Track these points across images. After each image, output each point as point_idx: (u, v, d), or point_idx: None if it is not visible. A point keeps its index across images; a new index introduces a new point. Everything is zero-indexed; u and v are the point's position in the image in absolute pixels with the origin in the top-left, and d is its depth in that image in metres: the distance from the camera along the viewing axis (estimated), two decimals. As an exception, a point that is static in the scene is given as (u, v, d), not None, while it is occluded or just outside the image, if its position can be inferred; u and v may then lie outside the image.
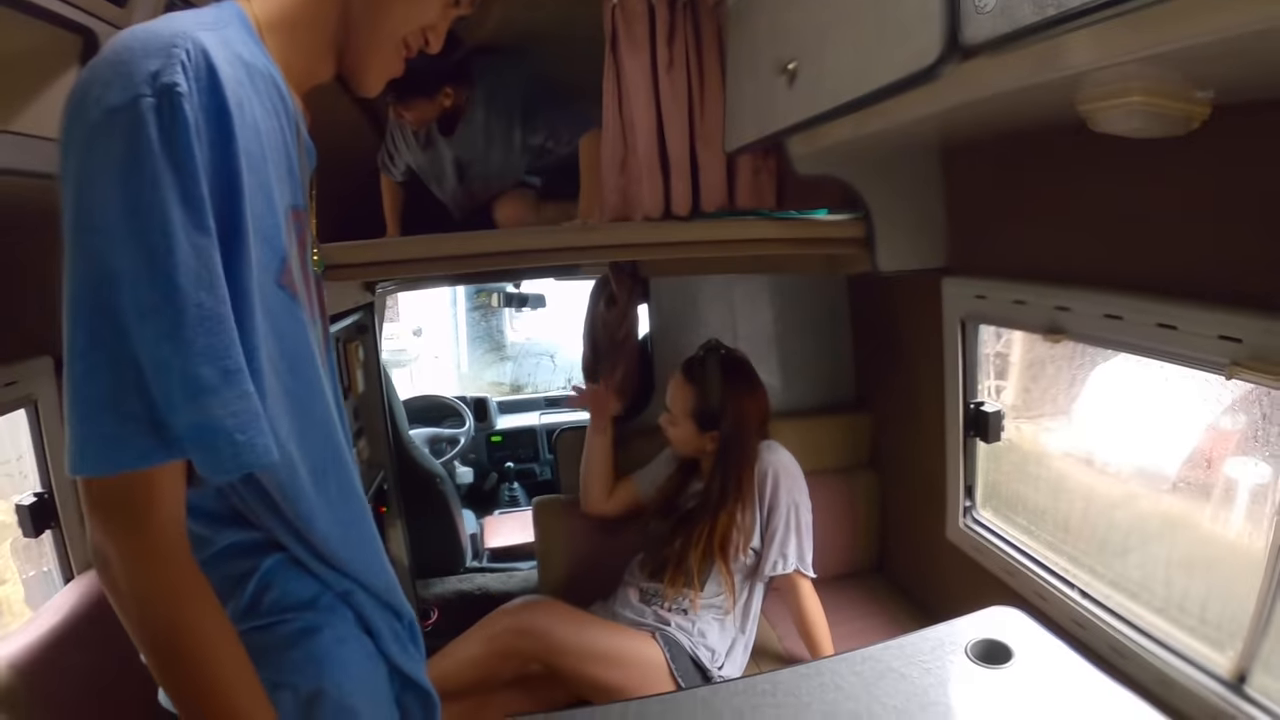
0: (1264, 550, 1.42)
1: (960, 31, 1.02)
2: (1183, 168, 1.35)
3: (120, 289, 0.74)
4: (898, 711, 1.41)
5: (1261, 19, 0.75)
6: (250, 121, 0.83)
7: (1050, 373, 2.10)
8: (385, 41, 1.00)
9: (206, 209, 0.76)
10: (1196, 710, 1.48)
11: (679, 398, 2.26)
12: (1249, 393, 1.49)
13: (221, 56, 0.80)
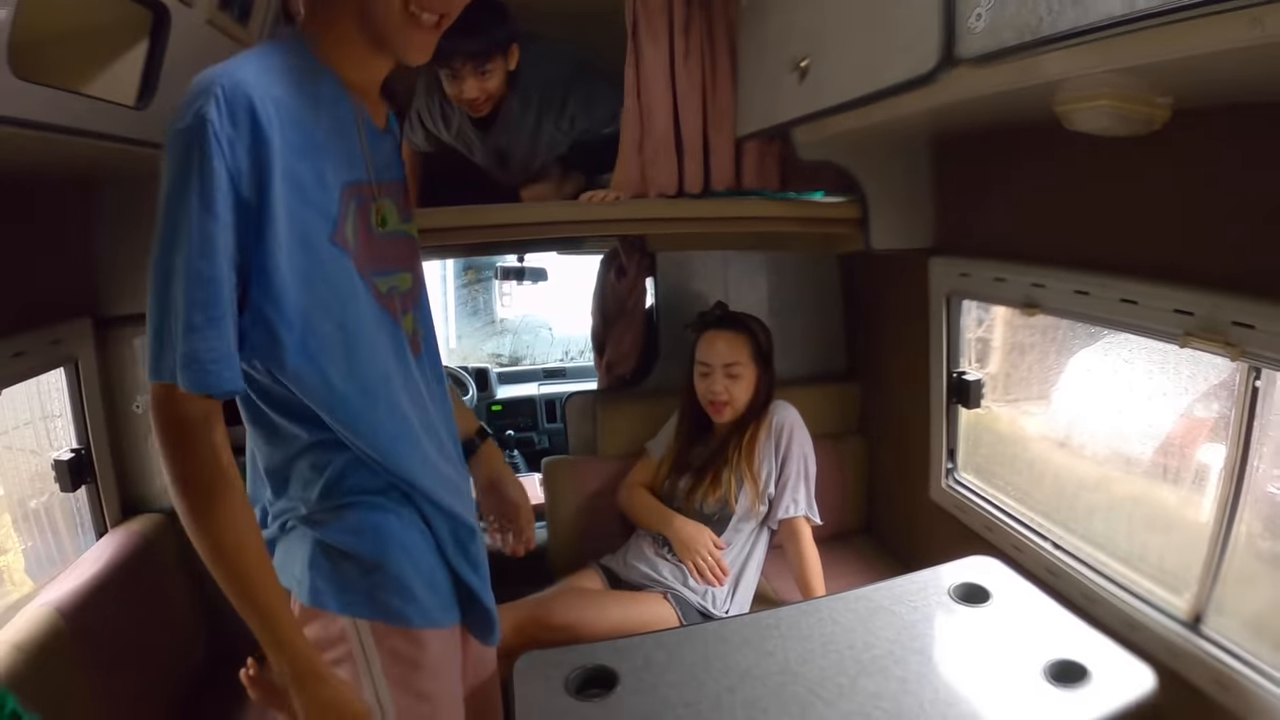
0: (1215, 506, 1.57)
1: (954, 46, 1.19)
2: (1145, 163, 1.49)
3: (161, 253, 1.02)
4: (889, 642, 1.57)
5: (1208, 44, 0.90)
6: (297, 123, 1.07)
7: (1031, 358, 2.24)
8: (393, 15, 1.12)
9: (216, 199, 0.99)
10: (1158, 648, 1.61)
11: (738, 348, 2.32)
12: (1220, 385, 1.61)
13: (264, 82, 1.04)
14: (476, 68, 2.20)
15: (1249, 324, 1.37)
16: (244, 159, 1.01)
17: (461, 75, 2.21)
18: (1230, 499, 1.53)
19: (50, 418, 2.11)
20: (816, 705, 1.40)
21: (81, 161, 1.83)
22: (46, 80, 1.29)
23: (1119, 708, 1.39)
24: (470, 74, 2.21)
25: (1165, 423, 1.78)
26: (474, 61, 2.18)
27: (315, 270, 1.10)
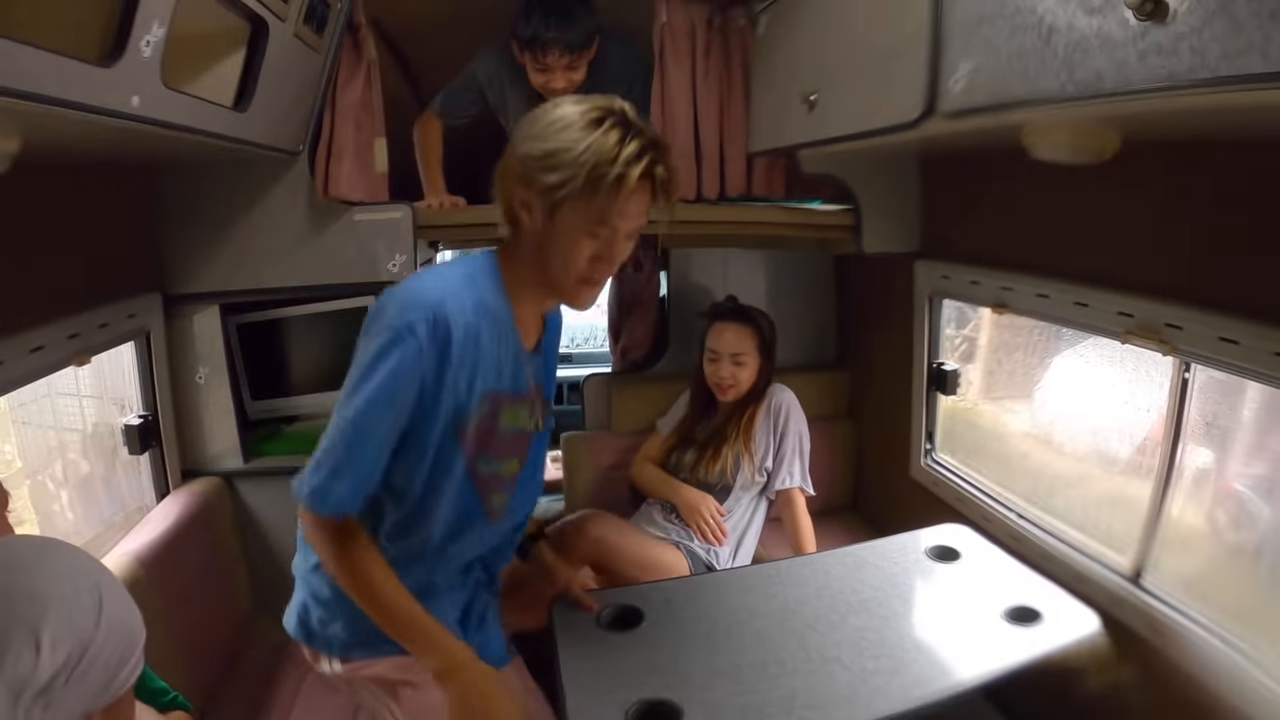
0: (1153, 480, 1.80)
1: (936, 101, 1.46)
2: (1097, 186, 1.72)
3: (344, 404, 1.31)
4: (873, 589, 1.84)
5: (1144, 109, 1.14)
6: (475, 344, 1.36)
7: (1016, 358, 2.41)
8: (564, 278, 1.41)
9: (395, 396, 1.30)
10: (1104, 598, 1.82)
11: (745, 339, 2.51)
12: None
13: (465, 313, 1.34)
14: (570, 62, 2.34)
15: (1178, 325, 1.60)
16: (430, 369, 1.32)
17: (553, 68, 2.35)
18: (1165, 472, 1.76)
19: (57, 395, 2.12)
20: (812, 636, 1.65)
21: (168, 154, 2.02)
22: (178, 86, 1.48)
23: (1067, 643, 1.63)
24: (561, 66, 2.34)
25: (1134, 421, 1.95)
26: (570, 54, 2.32)
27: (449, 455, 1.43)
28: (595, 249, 1.37)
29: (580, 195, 1.30)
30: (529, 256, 1.41)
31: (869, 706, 1.45)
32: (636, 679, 1.52)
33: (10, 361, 1.58)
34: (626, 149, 1.30)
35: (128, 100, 1.30)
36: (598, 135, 1.30)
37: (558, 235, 1.35)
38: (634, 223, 1.39)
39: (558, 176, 1.30)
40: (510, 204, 1.39)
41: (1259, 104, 0.95)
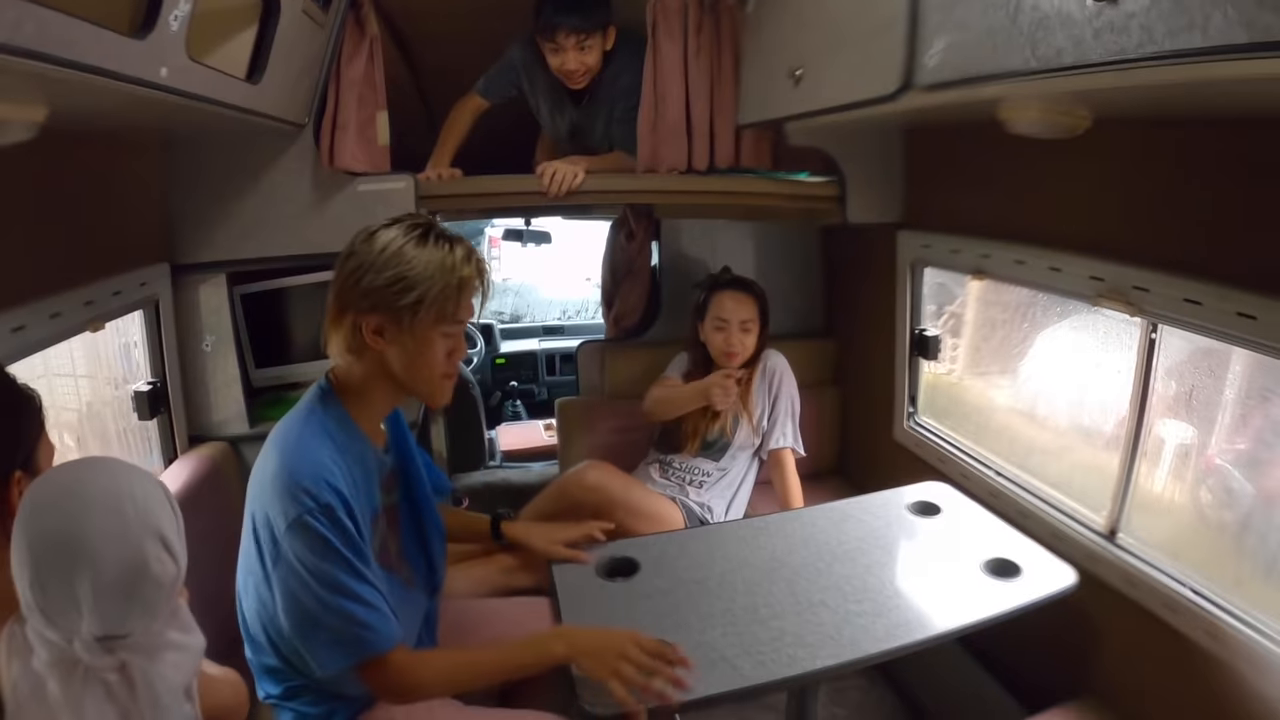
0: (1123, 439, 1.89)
1: (913, 75, 1.55)
2: (1070, 159, 1.80)
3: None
4: (857, 540, 1.95)
5: (1098, 84, 1.22)
6: (353, 487, 1.48)
7: (1000, 334, 2.46)
8: (430, 380, 1.56)
9: (354, 556, 1.45)
10: (1079, 554, 1.92)
11: (746, 308, 2.62)
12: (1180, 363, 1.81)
13: (336, 465, 1.46)
14: (578, 43, 2.47)
15: (1144, 288, 1.70)
16: (348, 523, 1.44)
17: (564, 48, 2.48)
18: (1134, 430, 1.85)
19: (53, 375, 2.12)
20: (800, 582, 1.76)
21: (182, 124, 2.06)
22: (200, 59, 1.54)
23: (1045, 596, 1.73)
24: (572, 47, 2.48)
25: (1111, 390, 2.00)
26: (576, 36, 2.46)
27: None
28: (448, 346, 1.55)
29: (433, 305, 1.47)
30: (375, 373, 1.55)
31: (853, 645, 1.56)
32: (634, 623, 1.61)
33: (31, 326, 1.64)
34: (457, 255, 1.50)
35: (157, 71, 1.37)
36: (430, 250, 1.48)
37: (417, 345, 1.51)
38: (470, 314, 1.57)
39: (414, 295, 1.46)
40: (356, 334, 1.50)
41: (1202, 78, 1.03)
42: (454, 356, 1.58)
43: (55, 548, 0.95)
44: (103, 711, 0.95)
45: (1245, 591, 1.61)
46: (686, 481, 2.65)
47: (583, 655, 1.50)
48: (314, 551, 1.40)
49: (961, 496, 2.19)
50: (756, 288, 2.70)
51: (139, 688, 0.98)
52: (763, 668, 1.49)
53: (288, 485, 1.42)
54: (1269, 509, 1.63)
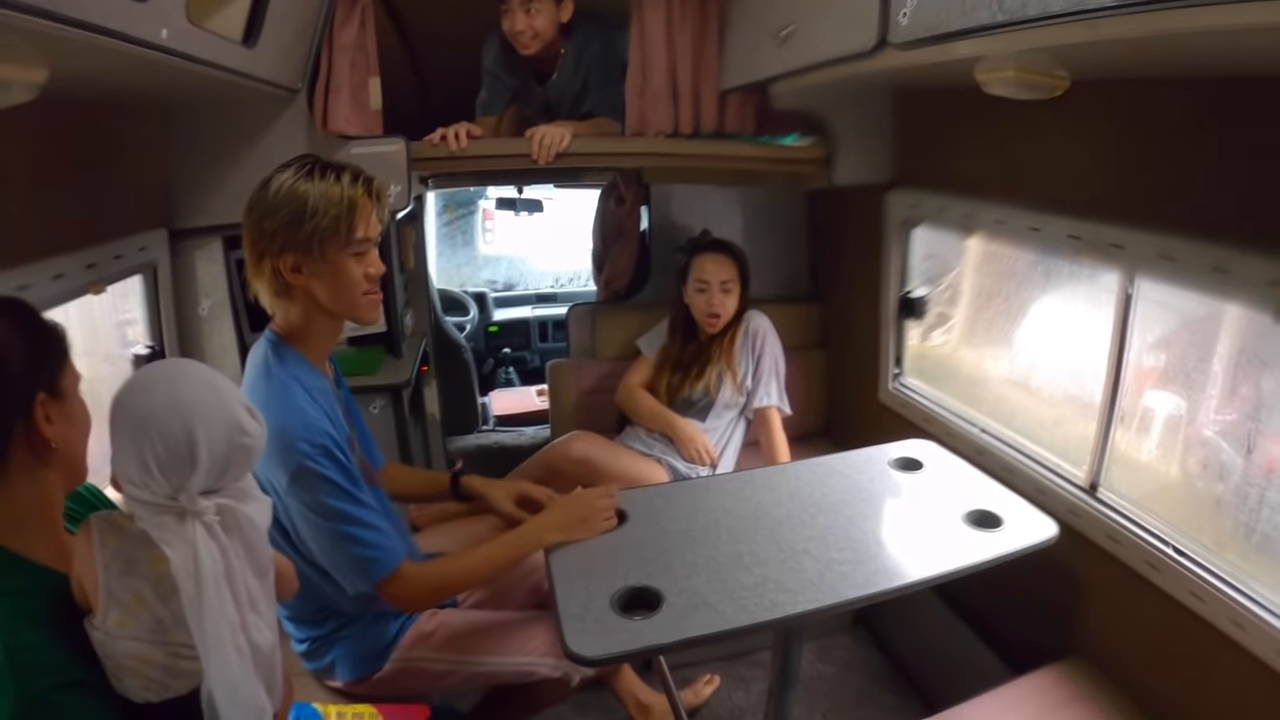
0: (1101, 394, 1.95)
1: (888, 32, 1.59)
2: (1050, 121, 1.84)
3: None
4: (841, 493, 1.99)
5: (1059, 39, 1.26)
6: (329, 418, 1.63)
7: (996, 304, 2.46)
8: (354, 301, 1.66)
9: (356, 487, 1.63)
10: (1061, 508, 1.99)
11: (727, 270, 2.67)
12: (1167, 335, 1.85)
13: (314, 410, 1.59)
14: (523, 3, 2.53)
15: (1120, 245, 1.75)
16: (340, 456, 1.59)
17: (512, 8, 2.54)
18: (1112, 385, 1.91)
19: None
20: (783, 532, 1.80)
21: (179, 88, 2.08)
22: (199, 22, 1.58)
23: (1027, 546, 1.76)
24: (518, 7, 2.53)
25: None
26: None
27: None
28: (363, 266, 1.65)
29: (331, 229, 1.57)
30: (309, 307, 1.65)
31: (834, 591, 1.60)
32: (621, 570, 1.66)
33: (36, 286, 1.67)
34: (344, 180, 1.60)
35: (158, 32, 1.40)
36: (318, 182, 1.58)
37: (333, 271, 1.61)
38: (375, 231, 1.66)
39: (311, 224, 1.55)
40: (277, 277, 1.60)
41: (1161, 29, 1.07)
42: (373, 276, 1.67)
43: (169, 414, 1.10)
44: (208, 546, 1.08)
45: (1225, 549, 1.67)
46: (672, 444, 2.71)
47: (571, 530, 1.77)
48: (317, 493, 1.54)
49: (945, 452, 2.22)
50: (736, 249, 2.75)
51: (237, 528, 1.14)
52: (745, 612, 1.53)
53: (280, 443, 1.51)
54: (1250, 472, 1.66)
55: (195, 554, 1.07)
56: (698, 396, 2.71)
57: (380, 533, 1.63)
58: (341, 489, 1.58)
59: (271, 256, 1.58)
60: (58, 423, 1.11)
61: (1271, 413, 1.59)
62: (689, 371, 2.72)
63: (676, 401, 2.73)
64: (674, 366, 2.77)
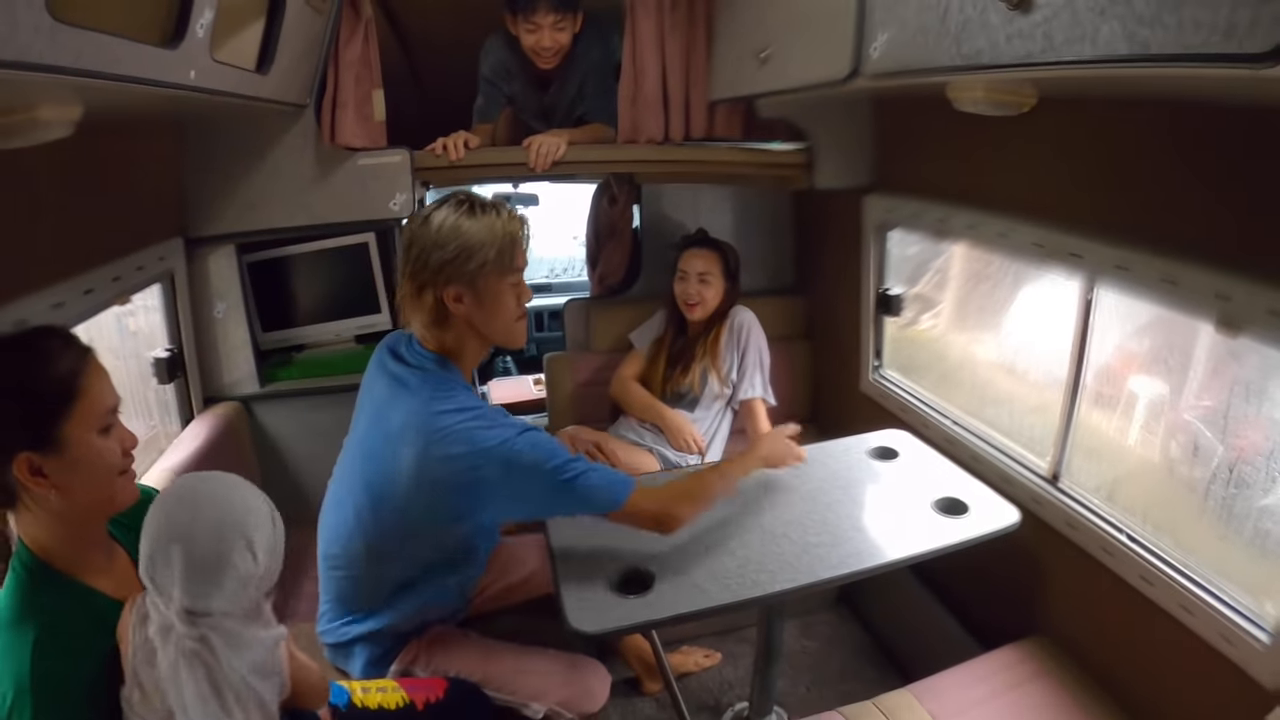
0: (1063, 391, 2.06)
1: (860, 65, 1.73)
2: (1018, 134, 1.92)
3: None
4: (820, 480, 2.14)
5: (1020, 75, 1.41)
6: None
7: (983, 290, 2.52)
8: (509, 327, 1.81)
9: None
10: (1025, 496, 2.11)
11: (712, 263, 2.82)
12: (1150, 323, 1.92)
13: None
14: (555, 22, 2.65)
15: (1080, 254, 1.87)
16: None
17: (541, 26, 2.65)
18: (1073, 383, 2.03)
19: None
20: (765, 518, 1.96)
21: (196, 112, 2.21)
22: (221, 59, 1.70)
23: (991, 532, 1.91)
24: (549, 26, 2.65)
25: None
26: (555, 15, 2.63)
27: None
28: (516, 293, 1.78)
29: (495, 262, 1.69)
30: (465, 333, 1.77)
31: (810, 571, 1.76)
32: (616, 552, 1.81)
33: (70, 302, 1.79)
34: (503, 216, 1.72)
35: (187, 74, 1.54)
36: (479, 219, 1.70)
37: (492, 299, 1.74)
38: (525, 261, 1.79)
39: (478, 258, 1.68)
40: (438, 306, 1.73)
41: (1093, 77, 1.21)
42: (523, 302, 1.82)
43: (166, 525, 1.16)
44: (193, 671, 1.15)
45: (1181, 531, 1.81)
46: (661, 434, 2.84)
47: (773, 461, 2.06)
48: (525, 459, 1.66)
49: (919, 442, 2.36)
50: (722, 246, 2.89)
51: (217, 664, 1.16)
52: (728, 590, 1.69)
53: (472, 437, 1.66)
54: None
55: (176, 674, 1.14)
56: (686, 389, 2.84)
57: (595, 470, 1.74)
58: (546, 452, 1.69)
59: (435, 288, 1.70)
60: (56, 474, 1.14)
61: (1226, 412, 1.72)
62: (677, 365, 2.86)
63: (667, 394, 2.86)
64: (665, 360, 2.90)
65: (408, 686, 1.76)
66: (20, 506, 1.18)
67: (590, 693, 1.94)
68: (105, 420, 1.21)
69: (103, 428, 1.20)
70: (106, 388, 1.23)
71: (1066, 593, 2.10)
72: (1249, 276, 1.47)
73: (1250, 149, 1.46)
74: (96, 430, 1.19)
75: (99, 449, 1.20)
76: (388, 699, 1.71)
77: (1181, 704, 1.75)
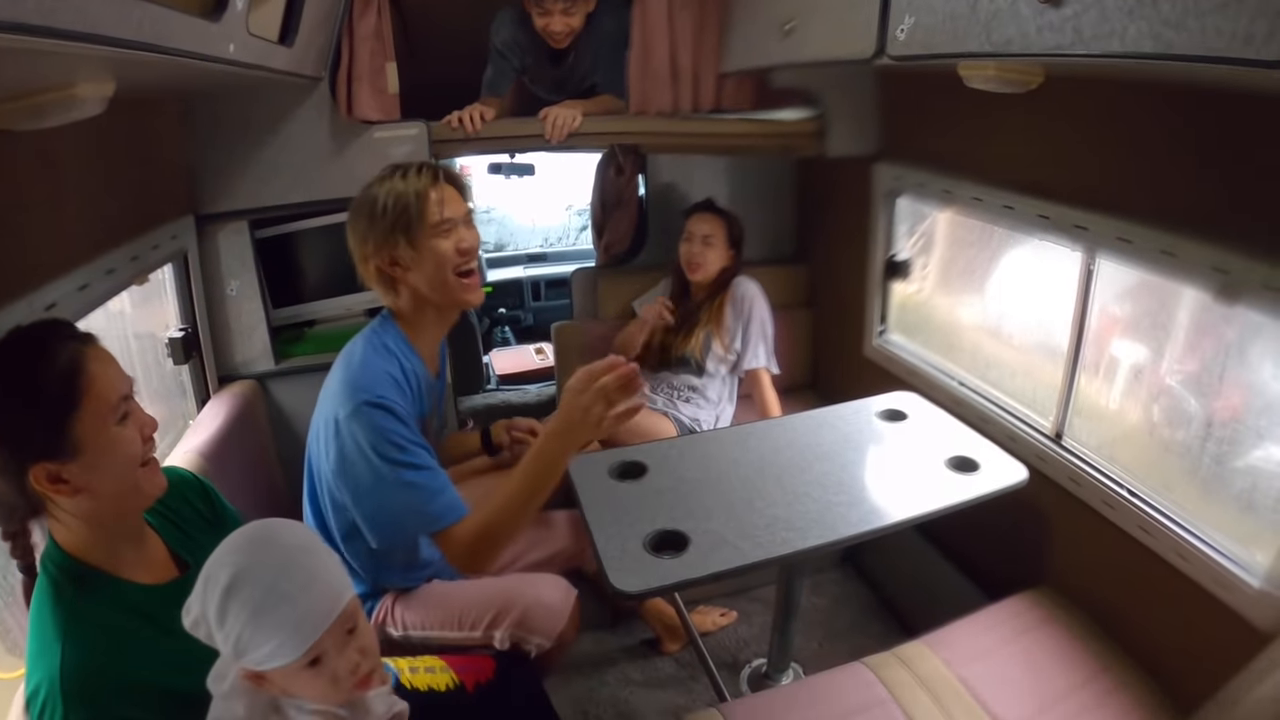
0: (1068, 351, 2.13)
1: (886, 45, 1.78)
2: (1026, 110, 1.97)
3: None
4: (832, 443, 2.20)
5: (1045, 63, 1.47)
6: (404, 388, 1.78)
7: (969, 254, 2.61)
8: (447, 281, 1.81)
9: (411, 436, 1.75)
10: (1030, 454, 2.20)
11: (716, 227, 2.88)
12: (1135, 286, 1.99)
13: (390, 378, 1.75)
14: (565, 8, 2.68)
15: (1084, 227, 1.94)
16: (402, 414, 1.73)
17: (551, 11, 2.68)
18: (1074, 347, 2.11)
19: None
20: (786, 479, 2.02)
21: (209, 85, 2.19)
22: (256, 32, 1.71)
23: (1002, 488, 1.98)
24: (559, 11, 2.68)
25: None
26: (563, 2, 2.66)
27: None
28: (452, 243, 1.79)
29: (407, 218, 1.75)
30: (415, 297, 1.83)
31: (834, 529, 1.82)
32: (648, 515, 1.87)
33: (93, 284, 1.81)
34: (410, 173, 1.78)
35: (227, 48, 1.55)
36: (389, 182, 1.77)
37: (422, 255, 1.78)
38: (455, 210, 1.81)
39: (386, 222, 1.75)
40: (383, 276, 1.81)
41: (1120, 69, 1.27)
42: (466, 251, 1.82)
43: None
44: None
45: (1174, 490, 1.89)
46: (675, 396, 2.91)
47: (581, 434, 1.68)
48: (377, 430, 1.68)
49: (926, 403, 2.43)
50: (727, 212, 2.94)
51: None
52: (760, 548, 1.75)
53: (348, 386, 1.71)
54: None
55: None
56: (689, 354, 2.89)
57: (444, 486, 1.74)
58: (398, 434, 1.69)
59: (372, 258, 1.76)
60: (77, 477, 1.11)
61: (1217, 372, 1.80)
62: (680, 330, 2.91)
63: (671, 359, 2.92)
64: (668, 325, 2.93)
65: (456, 666, 1.77)
66: (48, 515, 1.15)
67: (544, 604, 1.93)
68: (119, 409, 1.16)
69: (118, 417, 1.15)
70: (114, 374, 1.17)
71: (1069, 545, 2.19)
72: (1246, 251, 1.54)
73: (1250, 130, 1.53)
74: (112, 422, 1.14)
75: (117, 441, 1.15)
76: (436, 680, 1.71)
77: (1179, 645, 1.84)
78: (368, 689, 1.17)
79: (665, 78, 2.72)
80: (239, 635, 1.04)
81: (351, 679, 1.13)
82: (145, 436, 1.21)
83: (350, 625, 1.13)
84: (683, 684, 2.63)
